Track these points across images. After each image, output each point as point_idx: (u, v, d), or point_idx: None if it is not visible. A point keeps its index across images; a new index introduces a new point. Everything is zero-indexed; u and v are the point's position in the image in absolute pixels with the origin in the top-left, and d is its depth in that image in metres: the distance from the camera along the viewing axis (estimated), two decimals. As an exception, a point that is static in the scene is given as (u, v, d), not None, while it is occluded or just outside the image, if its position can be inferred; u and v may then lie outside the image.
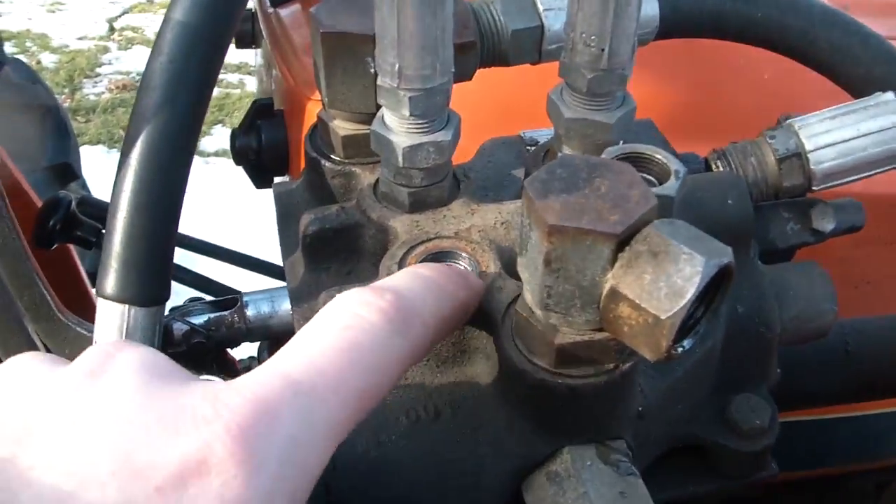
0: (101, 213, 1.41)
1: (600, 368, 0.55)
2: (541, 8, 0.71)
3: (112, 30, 5.58)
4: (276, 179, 1.32)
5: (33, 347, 0.68)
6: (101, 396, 0.38)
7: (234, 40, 1.68)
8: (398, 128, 0.63)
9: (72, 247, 1.49)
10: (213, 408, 0.38)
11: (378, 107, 0.64)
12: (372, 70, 0.66)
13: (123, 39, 5.55)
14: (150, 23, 5.73)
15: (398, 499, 0.57)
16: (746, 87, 1.11)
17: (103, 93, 5.00)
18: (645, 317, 0.48)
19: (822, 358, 0.87)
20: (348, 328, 0.44)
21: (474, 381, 0.60)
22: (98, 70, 5.15)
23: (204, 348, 0.72)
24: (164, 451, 0.36)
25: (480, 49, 0.70)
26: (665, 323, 0.47)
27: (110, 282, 0.66)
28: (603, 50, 0.62)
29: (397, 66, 0.59)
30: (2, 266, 0.72)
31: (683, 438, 0.69)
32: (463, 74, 0.71)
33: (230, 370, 0.70)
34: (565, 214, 0.49)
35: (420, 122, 0.62)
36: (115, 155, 4.54)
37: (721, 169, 0.75)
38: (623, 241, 0.49)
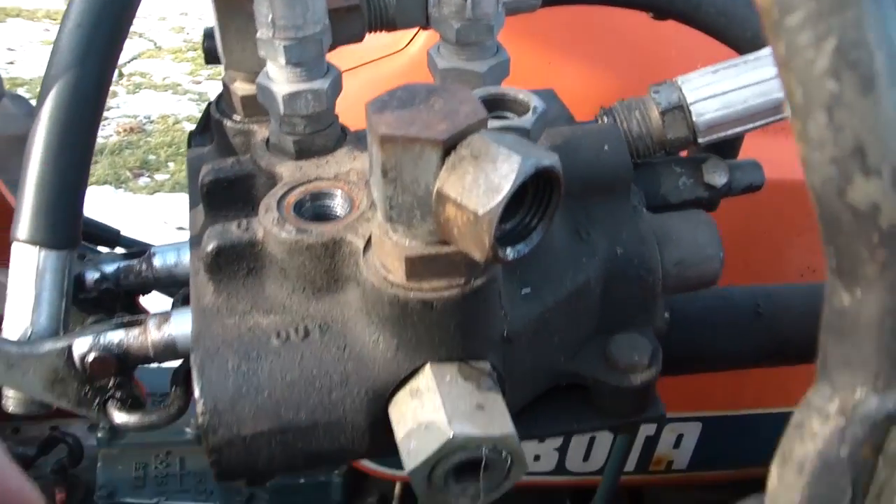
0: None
1: (452, 283, 0.58)
2: (425, -27, 0.76)
3: (121, 75, 5.70)
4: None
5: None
6: None
7: (204, 56, 1.73)
8: (278, 77, 0.67)
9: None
10: None
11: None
12: (261, 30, 0.71)
13: (131, 84, 5.68)
14: (158, 68, 5.86)
15: (265, 413, 0.60)
16: (644, 61, 1.15)
17: (111, 135, 5.09)
18: (467, 215, 0.51)
19: (733, 318, 0.89)
20: None
21: (345, 305, 0.63)
22: (106, 114, 5.25)
23: (113, 295, 0.76)
24: None
25: (368, 13, 0.75)
26: (483, 219, 0.50)
27: (23, 226, 0.70)
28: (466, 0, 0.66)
29: (270, 16, 0.64)
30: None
31: (566, 376, 0.71)
32: (352, 36, 0.75)
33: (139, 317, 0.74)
34: (396, 125, 0.52)
35: (297, 70, 0.66)
36: (122, 194, 4.64)
37: (606, 123, 0.78)
38: (449, 148, 0.52)
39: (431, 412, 0.58)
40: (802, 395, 0.37)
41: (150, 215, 4.27)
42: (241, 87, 0.75)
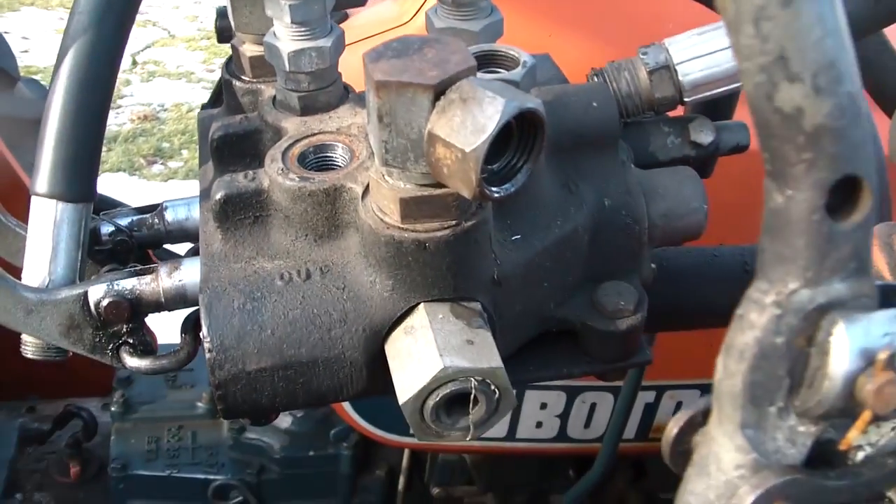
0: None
1: (444, 223, 0.61)
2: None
3: (134, 63, 5.76)
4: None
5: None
6: None
7: (216, 35, 1.77)
8: (284, 36, 0.71)
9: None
10: None
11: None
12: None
13: (145, 72, 5.74)
14: (172, 57, 5.91)
15: (269, 349, 0.64)
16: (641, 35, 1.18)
17: (125, 123, 5.15)
18: (455, 153, 0.54)
19: (721, 275, 0.92)
20: None
21: (345, 250, 0.67)
22: (120, 101, 5.32)
23: (127, 246, 0.80)
24: None
25: (370, -24, 0.78)
26: (470, 156, 0.54)
27: (41, 180, 0.74)
28: (461, -41, 0.70)
29: (275, -24, 0.67)
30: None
31: (555, 322, 0.75)
32: (355, 0, 0.79)
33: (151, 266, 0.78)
34: (390, 72, 0.56)
35: (302, 29, 0.70)
36: (136, 181, 4.69)
37: (596, 83, 0.81)
38: (440, 93, 0.56)
39: (424, 347, 0.62)
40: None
41: (164, 202, 4.32)
42: (250, 49, 0.79)
